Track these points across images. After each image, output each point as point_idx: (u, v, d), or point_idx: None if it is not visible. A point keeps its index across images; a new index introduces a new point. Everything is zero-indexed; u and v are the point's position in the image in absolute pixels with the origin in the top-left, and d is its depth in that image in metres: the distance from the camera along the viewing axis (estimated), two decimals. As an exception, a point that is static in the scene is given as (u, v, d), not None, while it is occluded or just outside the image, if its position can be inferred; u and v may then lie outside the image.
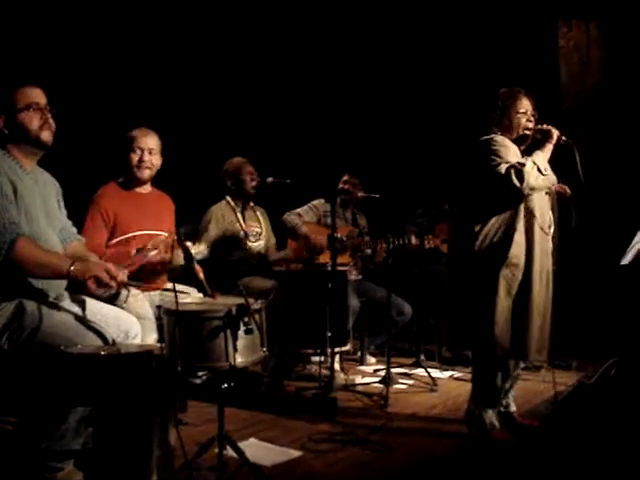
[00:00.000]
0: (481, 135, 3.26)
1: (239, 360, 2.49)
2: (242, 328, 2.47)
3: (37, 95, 2.66)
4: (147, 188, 3.66)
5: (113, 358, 2.31)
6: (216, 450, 2.60)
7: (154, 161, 3.56)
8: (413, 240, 4.84)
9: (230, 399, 3.73)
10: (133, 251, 3.22)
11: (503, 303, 3.14)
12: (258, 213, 4.64)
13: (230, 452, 2.66)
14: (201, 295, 2.80)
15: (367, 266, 5.13)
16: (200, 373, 3.67)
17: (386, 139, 6.02)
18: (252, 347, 2.58)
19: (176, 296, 2.42)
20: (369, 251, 5.02)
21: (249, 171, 4.45)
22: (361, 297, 4.84)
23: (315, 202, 5.02)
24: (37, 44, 4.78)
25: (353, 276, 4.96)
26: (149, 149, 3.53)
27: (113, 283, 2.51)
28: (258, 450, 3.08)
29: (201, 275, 2.57)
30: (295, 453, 3.08)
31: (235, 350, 2.48)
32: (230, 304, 2.51)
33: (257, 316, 2.57)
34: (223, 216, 4.43)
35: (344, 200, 5.14)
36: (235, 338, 2.47)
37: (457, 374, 4.57)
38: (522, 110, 3.27)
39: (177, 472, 2.58)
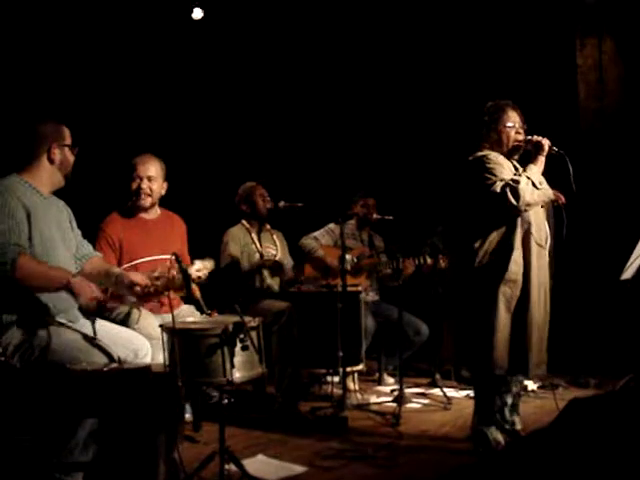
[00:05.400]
0: (473, 152, 3.28)
1: (237, 375, 2.60)
2: (239, 345, 2.58)
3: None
4: (153, 213, 3.77)
5: (112, 374, 2.43)
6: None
7: (153, 187, 3.67)
8: (428, 260, 4.90)
9: (243, 419, 3.85)
10: None
11: (502, 320, 3.16)
12: (274, 236, 4.75)
13: (234, 467, 2.76)
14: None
15: (389, 285, 5.17)
16: (215, 393, 3.77)
17: (403, 160, 6.08)
18: (250, 363, 2.68)
19: (172, 315, 2.54)
20: (389, 271, 5.06)
21: (260, 193, 4.58)
22: (378, 318, 4.90)
23: (331, 225, 5.11)
24: (45, 74, 4.99)
25: (370, 297, 5.03)
26: (148, 177, 3.65)
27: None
28: (263, 466, 3.15)
29: (198, 294, 2.68)
30: (300, 469, 3.14)
31: (232, 366, 2.58)
32: (227, 321, 2.61)
33: (254, 333, 2.67)
34: (239, 238, 4.55)
35: (360, 222, 5.23)
36: (232, 354, 2.58)
37: (473, 393, 4.54)
38: (509, 124, 3.27)
39: (179, 486, 2.68)
